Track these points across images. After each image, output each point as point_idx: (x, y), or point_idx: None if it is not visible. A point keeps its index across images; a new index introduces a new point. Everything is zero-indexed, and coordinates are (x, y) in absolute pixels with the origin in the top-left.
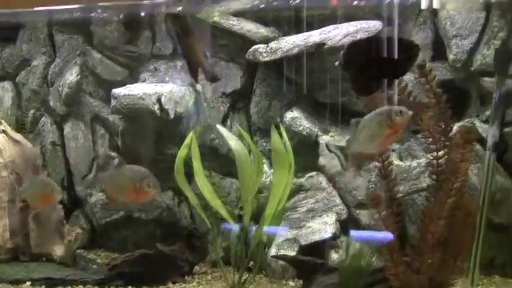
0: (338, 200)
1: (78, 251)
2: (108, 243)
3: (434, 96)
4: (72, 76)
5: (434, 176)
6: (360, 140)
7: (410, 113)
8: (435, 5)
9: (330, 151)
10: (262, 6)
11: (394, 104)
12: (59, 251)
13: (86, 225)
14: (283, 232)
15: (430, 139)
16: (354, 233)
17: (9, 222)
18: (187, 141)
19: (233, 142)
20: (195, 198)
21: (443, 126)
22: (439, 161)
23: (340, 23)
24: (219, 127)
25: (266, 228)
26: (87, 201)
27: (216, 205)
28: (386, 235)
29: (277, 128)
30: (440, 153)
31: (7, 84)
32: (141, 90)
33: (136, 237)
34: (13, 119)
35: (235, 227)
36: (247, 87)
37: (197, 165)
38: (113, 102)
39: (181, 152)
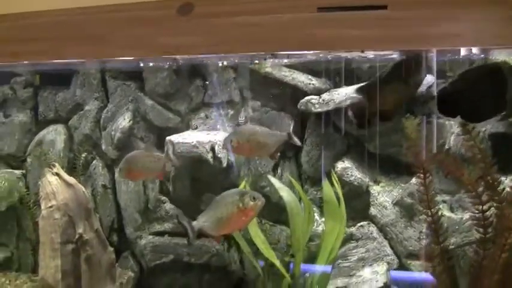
0: (389, 250)
1: None
2: (156, 285)
3: (479, 152)
4: (124, 121)
5: (481, 230)
6: (208, 218)
7: (263, 200)
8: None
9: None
10: (313, 58)
11: None
12: None
13: (135, 266)
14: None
15: (473, 193)
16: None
17: (61, 263)
18: None
19: (285, 193)
20: (247, 246)
21: (489, 181)
22: (486, 214)
23: None
24: (271, 178)
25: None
26: (136, 243)
27: (269, 255)
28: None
29: (329, 178)
30: (486, 207)
31: (60, 127)
32: (195, 138)
33: (184, 281)
34: (65, 161)
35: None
36: (298, 136)
37: None
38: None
39: None
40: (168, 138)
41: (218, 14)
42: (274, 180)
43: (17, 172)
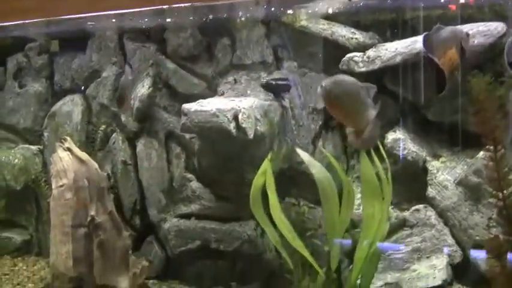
0: (450, 240)
1: (150, 281)
2: (183, 274)
3: None
4: (144, 89)
5: None
6: None
7: None
8: None
9: None
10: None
11: None
12: (123, 283)
13: (160, 252)
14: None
15: None
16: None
17: (72, 249)
18: (262, 168)
19: (315, 170)
20: (275, 234)
21: None
22: None
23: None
24: (299, 151)
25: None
26: (160, 227)
27: (297, 245)
28: None
29: (369, 153)
30: None
31: (76, 98)
32: (215, 105)
33: (214, 270)
34: (83, 135)
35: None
36: None
37: (273, 198)
38: (183, 119)
39: (257, 181)
40: (184, 105)
41: None
42: (303, 155)
43: (33, 148)
